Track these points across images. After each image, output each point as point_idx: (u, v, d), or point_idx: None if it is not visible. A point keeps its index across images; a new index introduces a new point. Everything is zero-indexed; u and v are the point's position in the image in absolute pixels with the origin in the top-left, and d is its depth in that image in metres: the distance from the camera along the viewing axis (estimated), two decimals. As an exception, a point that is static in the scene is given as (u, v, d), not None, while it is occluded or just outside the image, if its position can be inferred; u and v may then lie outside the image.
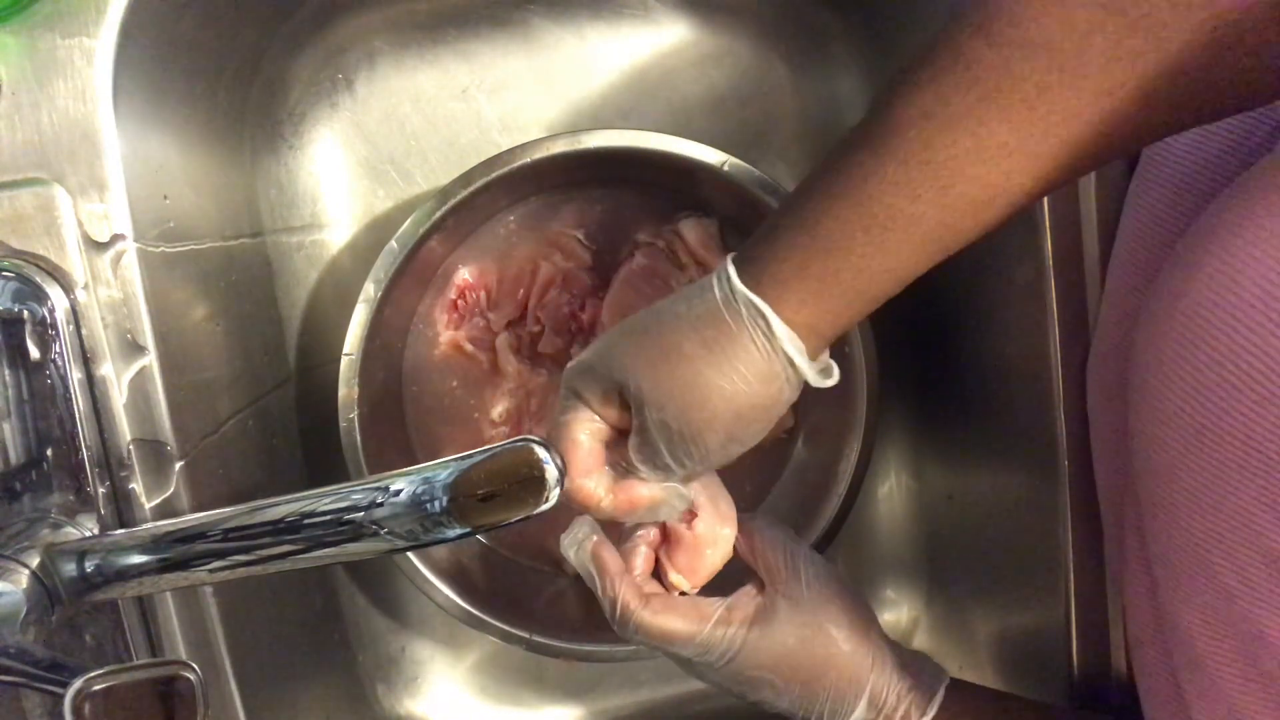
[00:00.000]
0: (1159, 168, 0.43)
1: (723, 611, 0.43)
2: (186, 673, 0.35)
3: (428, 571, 0.55)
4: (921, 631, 0.68)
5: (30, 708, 0.44)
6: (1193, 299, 0.31)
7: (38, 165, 0.41)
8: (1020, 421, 0.52)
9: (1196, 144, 0.42)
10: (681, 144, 0.53)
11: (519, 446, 0.36)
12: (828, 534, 0.57)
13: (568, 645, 0.56)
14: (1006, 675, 0.58)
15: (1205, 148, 0.41)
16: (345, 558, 0.37)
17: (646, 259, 0.60)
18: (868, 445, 0.57)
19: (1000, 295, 0.52)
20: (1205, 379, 0.31)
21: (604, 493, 0.43)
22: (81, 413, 0.42)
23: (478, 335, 0.60)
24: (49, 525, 0.41)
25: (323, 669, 0.60)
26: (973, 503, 0.60)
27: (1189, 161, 0.42)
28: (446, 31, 0.60)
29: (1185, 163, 0.42)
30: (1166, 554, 0.35)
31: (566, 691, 0.68)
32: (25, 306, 0.41)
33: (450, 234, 0.57)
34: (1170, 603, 0.36)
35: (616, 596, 0.43)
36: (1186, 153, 0.42)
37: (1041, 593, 0.52)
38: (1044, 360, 0.48)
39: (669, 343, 0.39)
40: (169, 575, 0.38)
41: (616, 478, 0.43)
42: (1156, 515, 0.35)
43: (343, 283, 0.61)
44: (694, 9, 0.61)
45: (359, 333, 0.53)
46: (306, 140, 0.60)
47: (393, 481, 0.36)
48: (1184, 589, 0.34)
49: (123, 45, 0.41)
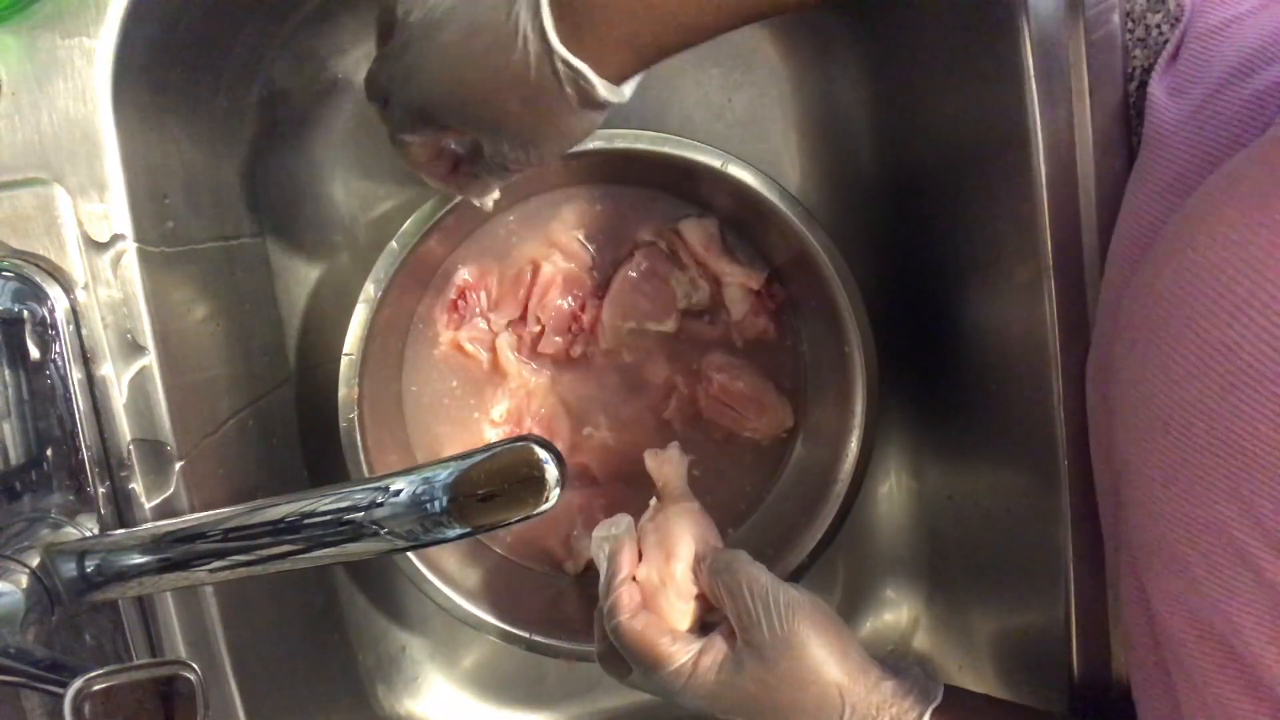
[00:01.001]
0: (1155, 166, 0.43)
1: (692, 656, 0.44)
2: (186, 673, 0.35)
3: (428, 571, 0.55)
4: (921, 631, 0.68)
5: (30, 708, 0.44)
6: (1158, 290, 0.32)
7: (38, 165, 0.41)
8: (1020, 421, 0.52)
9: (1189, 140, 0.42)
10: (682, 144, 0.53)
11: (519, 446, 0.36)
12: (828, 534, 0.57)
13: (568, 645, 0.56)
14: (1006, 675, 0.58)
15: (1198, 142, 0.42)
16: (345, 558, 0.37)
17: (647, 259, 0.60)
18: (868, 445, 0.57)
19: (1000, 295, 0.52)
20: (1170, 369, 0.31)
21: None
22: (81, 413, 0.42)
23: (478, 335, 0.60)
24: (49, 525, 0.41)
25: (323, 669, 0.60)
26: (973, 503, 0.60)
27: (1181, 157, 0.42)
28: (446, 31, 0.60)
29: (1177, 159, 0.42)
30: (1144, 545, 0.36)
31: (566, 691, 0.68)
32: (25, 306, 0.41)
33: (450, 234, 0.57)
34: (1153, 596, 0.36)
35: (613, 596, 0.45)
36: (1179, 149, 0.42)
37: (1041, 593, 0.52)
38: (1044, 360, 0.48)
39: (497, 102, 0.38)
40: (169, 575, 0.38)
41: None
42: (1134, 507, 0.35)
43: (343, 283, 0.61)
44: (694, 9, 0.61)
45: (359, 333, 0.53)
46: (306, 140, 0.60)
47: (393, 481, 0.36)
48: (1164, 580, 0.35)
49: (123, 45, 0.41)
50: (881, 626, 0.69)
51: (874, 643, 0.68)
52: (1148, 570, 0.36)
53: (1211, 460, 0.30)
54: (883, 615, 0.69)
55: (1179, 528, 0.32)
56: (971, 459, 0.60)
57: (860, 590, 0.68)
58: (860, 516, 0.67)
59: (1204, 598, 0.32)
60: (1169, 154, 0.43)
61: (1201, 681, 0.33)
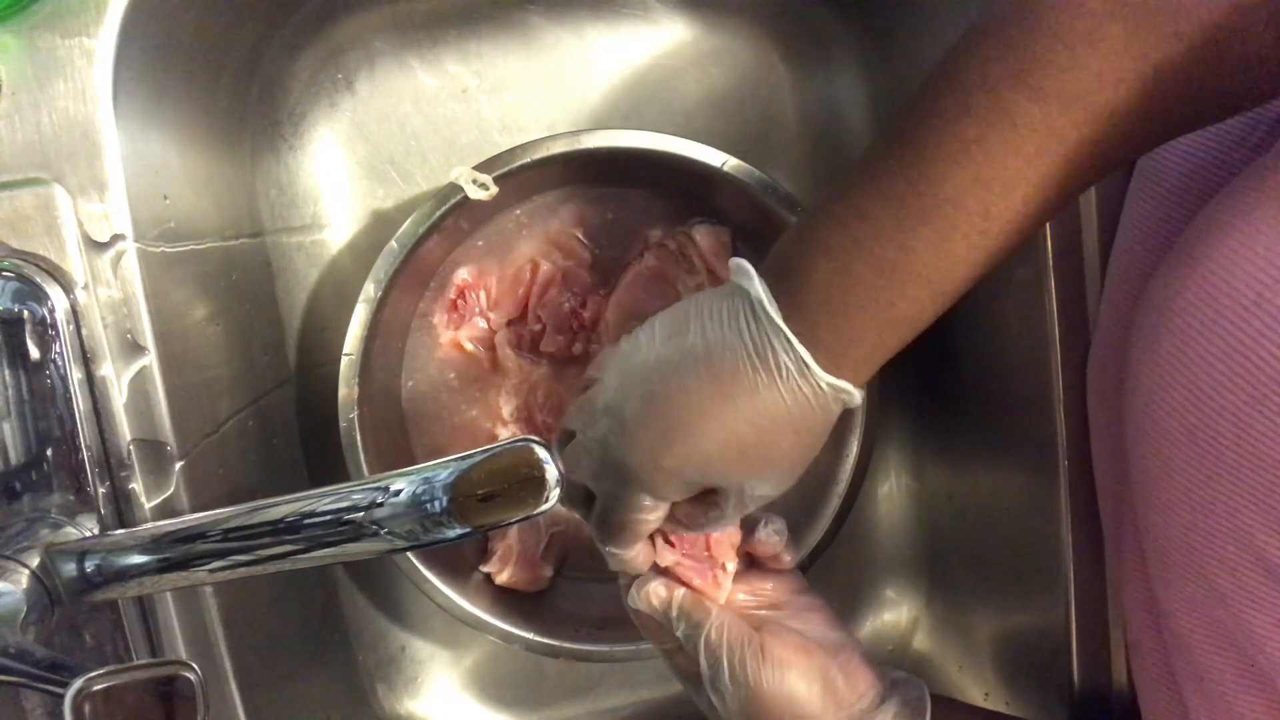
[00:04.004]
0: (1158, 169, 0.43)
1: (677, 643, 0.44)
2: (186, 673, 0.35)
3: (427, 571, 0.55)
4: (921, 631, 0.68)
5: (30, 708, 0.44)
6: (1187, 298, 0.31)
7: (38, 165, 0.41)
8: (1020, 421, 0.52)
9: (1195, 145, 0.42)
10: (681, 144, 0.53)
11: (519, 446, 0.36)
12: (828, 534, 0.57)
13: (568, 645, 0.56)
14: (1006, 675, 0.58)
15: (1204, 148, 0.41)
16: (345, 558, 0.37)
17: (656, 260, 0.60)
18: (868, 445, 0.57)
19: (1000, 295, 0.52)
20: (1198, 377, 0.31)
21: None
22: (81, 413, 0.42)
23: (478, 334, 0.60)
24: (49, 525, 0.41)
25: (323, 669, 0.60)
26: (973, 503, 0.60)
27: (1188, 162, 0.42)
28: (446, 31, 0.60)
29: (1184, 164, 0.42)
30: (1160, 553, 0.35)
31: (566, 691, 0.68)
32: (25, 306, 0.41)
33: (450, 234, 0.57)
34: (1166, 604, 0.36)
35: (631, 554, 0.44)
36: (1185, 154, 0.42)
37: (1041, 593, 0.52)
38: (1044, 360, 0.48)
39: (772, 447, 0.38)
40: (169, 575, 0.38)
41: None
42: (1150, 514, 0.35)
43: (343, 283, 0.61)
44: (694, 9, 0.61)
45: (359, 333, 0.53)
46: (306, 140, 0.60)
47: (393, 481, 0.36)
48: (1178, 589, 0.34)
49: (123, 45, 0.41)
50: (881, 626, 0.69)
51: (874, 643, 0.68)
52: (1162, 577, 0.36)
53: (1239, 470, 0.30)
54: (883, 615, 0.69)
55: (1200, 535, 0.32)
56: (971, 459, 0.60)
57: (860, 590, 0.68)
58: (860, 516, 0.67)
59: (1225, 607, 0.32)
60: (1174, 155, 0.42)
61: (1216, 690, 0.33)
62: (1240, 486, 0.30)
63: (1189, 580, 0.33)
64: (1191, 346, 0.31)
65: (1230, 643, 0.32)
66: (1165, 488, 0.33)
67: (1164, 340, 0.32)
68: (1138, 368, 0.34)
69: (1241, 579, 0.31)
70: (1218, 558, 0.32)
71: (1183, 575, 0.34)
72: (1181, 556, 0.33)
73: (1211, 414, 0.30)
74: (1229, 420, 0.30)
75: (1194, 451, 0.31)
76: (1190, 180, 0.42)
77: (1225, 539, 0.31)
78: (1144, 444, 0.34)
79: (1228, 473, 0.30)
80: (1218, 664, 0.33)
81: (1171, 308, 0.32)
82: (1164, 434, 0.32)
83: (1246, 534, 0.30)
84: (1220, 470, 0.30)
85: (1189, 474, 0.32)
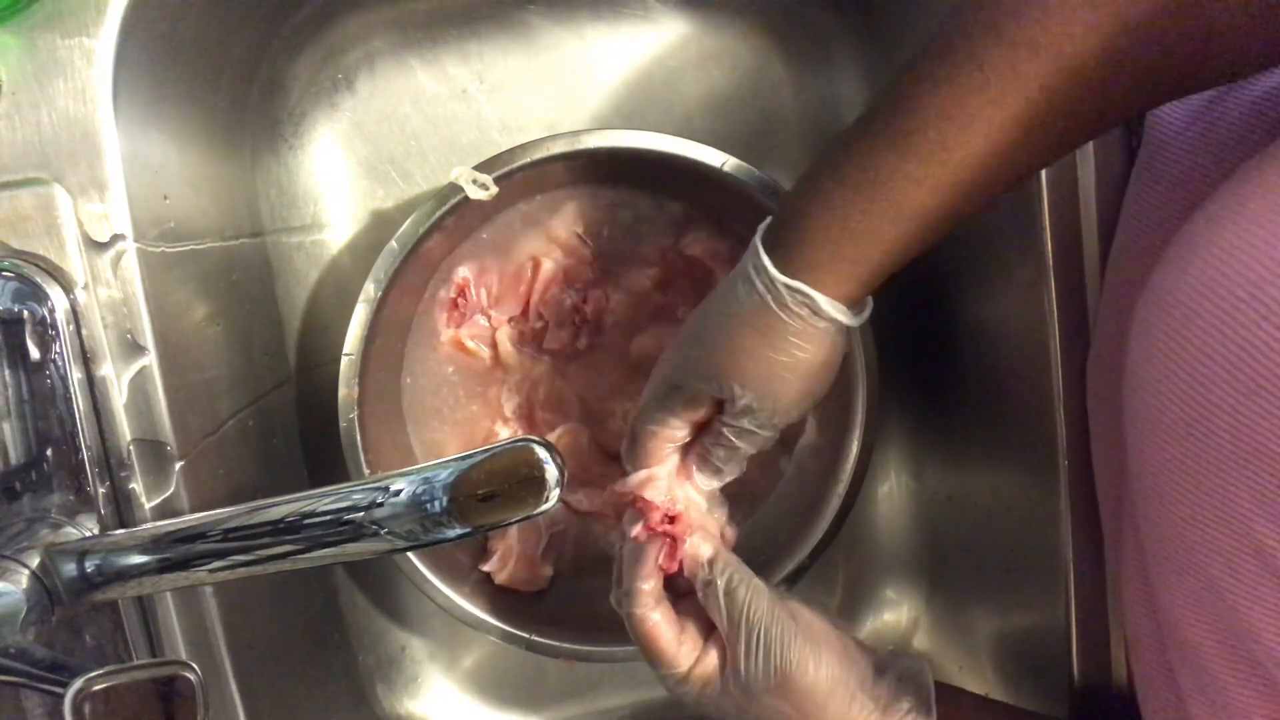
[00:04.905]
0: (1157, 165, 0.43)
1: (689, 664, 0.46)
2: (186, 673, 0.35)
3: (428, 571, 0.55)
4: (921, 631, 0.68)
5: (30, 708, 0.44)
6: (1183, 291, 0.32)
7: (38, 165, 0.41)
8: (1020, 421, 0.52)
9: (1194, 141, 0.42)
10: (681, 144, 0.53)
11: (519, 446, 0.36)
12: (828, 534, 0.57)
13: (568, 645, 0.56)
14: (1006, 675, 0.58)
15: (1203, 144, 0.42)
16: (345, 558, 0.37)
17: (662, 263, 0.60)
18: (868, 445, 0.57)
19: (1000, 295, 0.52)
20: (1195, 371, 0.31)
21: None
22: (81, 413, 0.42)
23: (479, 332, 0.60)
24: (49, 525, 0.41)
25: (323, 669, 0.60)
26: (973, 503, 0.60)
27: (1187, 159, 0.42)
28: (446, 31, 0.60)
29: (1183, 160, 0.42)
30: (1159, 549, 0.35)
31: (566, 691, 0.68)
32: (25, 306, 0.41)
33: (450, 233, 0.57)
34: (1164, 599, 0.36)
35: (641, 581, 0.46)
36: (1184, 150, 0.42)
37: (1041, 593, 0.52)
38: (1044, 360, 0.48)
39: (735, 345, 0.42)
40: (169, 575, 0.38)
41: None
42: (1149, 509, 0.35)
43: (343, 283, 0.61)
44: (694, 9, 0.61)
45: (359, 333, 0.53)
46: (306, 140, 0.60)
47: (393, 481, 0.36)
48: (1176, 584, 0.34)
49: (123, 45, 0.41)
50: (881, 626, 0.69)
51: (874, 643, 0.68)
52: (1161, 573, 0.36)
53: (1237, 463, 0.30)
54: (883, 615, 0.69)
55: (1198, 530, 0.32)
56: (971, 459, 0.60)
57: (860, 590, 0.68)
58: (860, 516, 0.67)
59: (1223, 600, 0.32)
60: (1173, 155, 0.42)
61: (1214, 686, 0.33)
62: (1238, 479, 0.30)
63: (1187, 575, 0.33)
64: (1188, 339, 0.31)
65: (1229, 637, 0.32)
66: (1163, 481, 0.33)
67: (1162, 333, 0.32)
68: (1136, 361, 0.34)
69: (1240, 572, 0.31)
70: (1216, 551, 0.32)
71: (1181, 569, 0.34)
72: (1180, 550, 0.34)
73: (1208, 408, 0.31)
74: (1226, 412, 0.30)
75: (1192, 444, 0.31)
76: (1190, 176, 0.42)
77: (1223, 532, 0.31)
78: (1142, 437, 0.34)
79: (1225, 465, 0.30)
80: (1216, 659, 0.33)
81: (1169, 300, 0.32)
82: (1162, 427, 0.33)
83: (1244, 526, 0.30)
84: (1218, 463, 0.31)
85: (1187, 467, 0.32)
